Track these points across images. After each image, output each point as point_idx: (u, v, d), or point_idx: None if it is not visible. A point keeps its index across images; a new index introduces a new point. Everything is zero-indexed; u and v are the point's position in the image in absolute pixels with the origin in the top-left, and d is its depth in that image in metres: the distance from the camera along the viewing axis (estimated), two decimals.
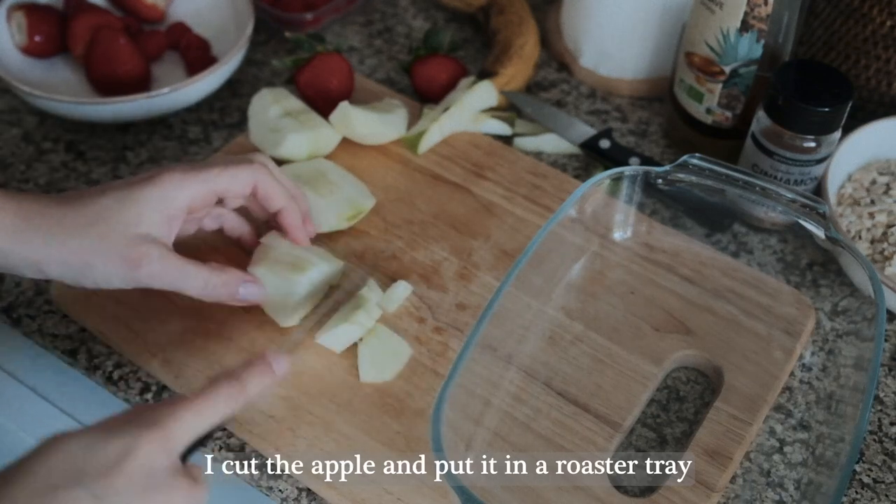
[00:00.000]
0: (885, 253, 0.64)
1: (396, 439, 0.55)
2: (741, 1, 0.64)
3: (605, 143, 0.74)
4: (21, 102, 0.78)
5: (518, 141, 0.75)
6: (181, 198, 0.53)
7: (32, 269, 0.52)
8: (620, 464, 0.55)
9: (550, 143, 0.75)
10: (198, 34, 0.80)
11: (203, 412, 0.45)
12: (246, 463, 0.56)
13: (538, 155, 0.75)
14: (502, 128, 0.75)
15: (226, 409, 0.46)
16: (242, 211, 0.61)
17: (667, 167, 0.61)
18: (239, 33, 0.78)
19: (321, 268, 0.60)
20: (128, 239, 0.52)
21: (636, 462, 0.56)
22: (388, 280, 0.63)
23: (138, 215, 0.52)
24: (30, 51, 0.77)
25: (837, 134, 0.64)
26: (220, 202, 0.59)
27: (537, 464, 0.54)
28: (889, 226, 0.66)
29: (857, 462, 0.57)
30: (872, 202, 0.68)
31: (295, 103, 0.70)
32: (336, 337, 0.58)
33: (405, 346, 0.59)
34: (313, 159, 0.69)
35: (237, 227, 0.62)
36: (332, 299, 0.62)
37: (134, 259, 0.52)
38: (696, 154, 0.61)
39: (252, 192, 0.57)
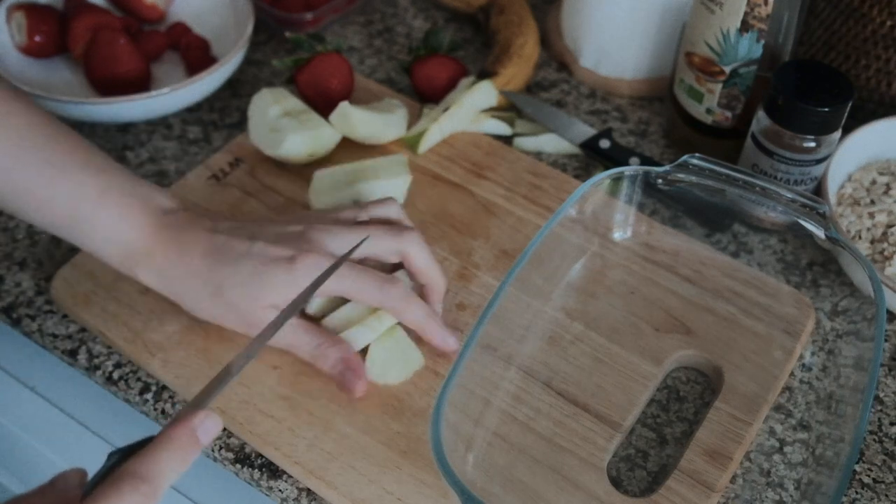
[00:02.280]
0: (885, 253, 0.64)
1: (396, 439, 0.55)
2: (741, 1, 0.64)
3: (605, 143, 0.74)
4: None
5: (518, 141, 0.75)
6: (315, 291, 0.52)
7: (153, 285, 0.58)
8: (620, 464, 0.55)
9: (550, 143, 0.75)
10: (198, 34, 0.81)
11: None
12: (246, 463, 0.56)
13: (538, 155, 0.75)
14: (502, 128, 0.75)
15: None
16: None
17: (667, 167, 0.61)
18: (239, 33, 0.78)
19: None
20: (252, 309, 0.56)
21: (636, 462, 0.56)
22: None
23: (266, 296, 0.55)
24: (30, 51, 0.77)
25: (837, 134, 0.64)
26: None
27: (537, 464, 0.54)
28: (889, 226, 0.66)
29: (857, 462, 0.57)
30: (872, 202, 0.68)
31: (295, 103, 0.70)
32: (349, 339, 0.58)
33: (418, 356, 0.59)
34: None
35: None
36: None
37: (254, 324, 0.56)
38: (696, 154, 0.61)
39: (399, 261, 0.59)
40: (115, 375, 0.60)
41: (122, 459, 0.39)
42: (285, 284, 0.54)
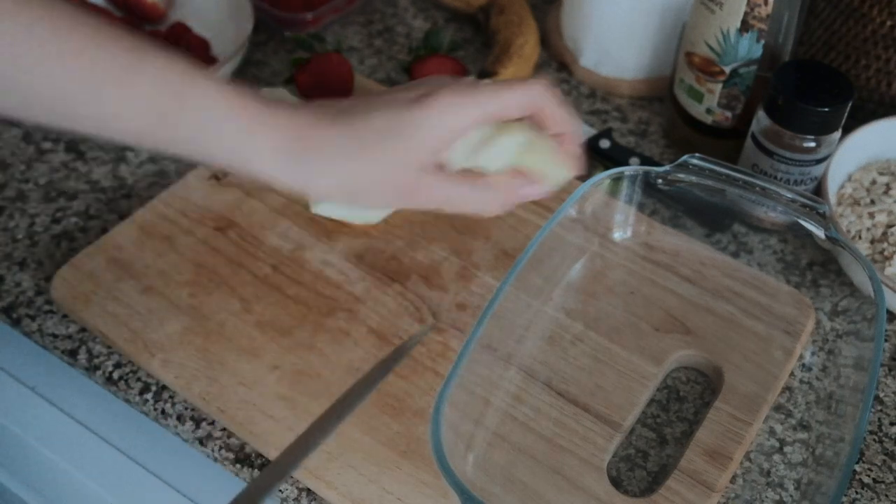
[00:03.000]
0: (885, 253, 0.64)
1: (396, 439, 0.55)
2: (741, 1, 0.64)
3: (605, 143, 0.74)
4: None
5: None
6: (454, 124, 0.48)
7: (293, 188, 0.49)
8: (620, 464, 0.55)
9: None
10: (198, 34, 0.80)
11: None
12: (246, 463, 0.56)
13: None
14: None
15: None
16: None
17: (667, 167, 0.61)
18: (239, 33, 0.77)
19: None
20: (403, 168, 0.49)
21: (636, 462, 0.56)
22: (388, 280, 0.63)
23: (409, 143, 0.48)
24: None
25: (837, 134, 0.64)
26: None
27: (537, 464, 0.54)
28: (889, 226, 0.66)
29: (857, 462, 0.57)
30: (872, 202, 0.68)
31: (295, 103, 0.70)
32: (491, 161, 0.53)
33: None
34: None
35: None
36: None
37: (409, 190, 0.49)
38: (696, 154, 0.61)
39: (529, 113, 0.51)
40: (115, 375, 0.60)
41: None
42: (427, 127, 0.48)
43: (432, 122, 0.48)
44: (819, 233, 0.58)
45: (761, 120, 0.64)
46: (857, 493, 0.56)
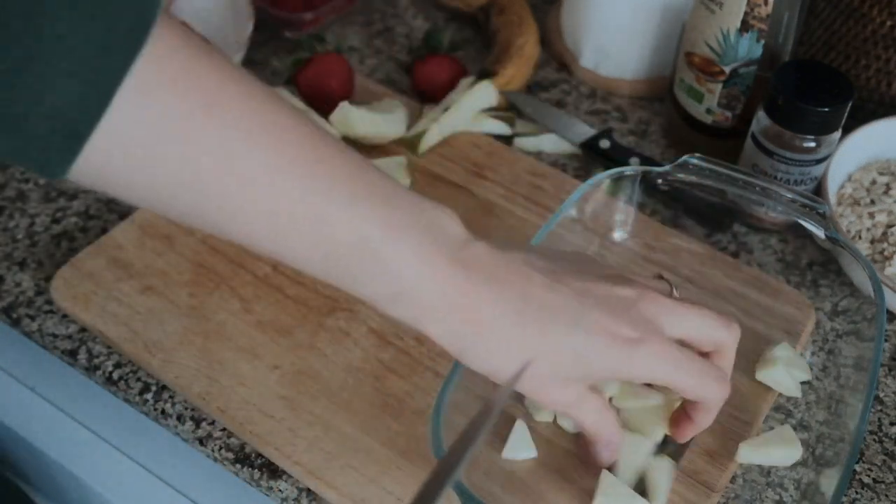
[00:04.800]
0: (885, 253, 0.64)
1: (396, 439, 0.55)
2: (741, 1, 0.64)
3: (605, 143, 0.74)
4: None
5: (518, 141, 0.75)
6: (643, 377, 0.46)
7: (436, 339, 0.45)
8: None
9: (550, 143, 0.75)
10: (197, 34, 0.80)
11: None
12: (246, 463, 0.56)
13: (538, 155, 0.75)
14: (502, 128, 0.75)
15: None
16: None
17: (667, 167, 0.61)
18: (239, 33, 0.77)
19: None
20: (556, 381, 0.45)
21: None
22: None
23: (584, 376, 0.45)
24: None
25: (837, 134, 0.64)
26: None
27: (537, 464, 0.54)
28: (889, 226, 0.66)
29: (857, 462, 0.57)
30: (872, 202, 0.68)
31: (295, 103, 0.70)
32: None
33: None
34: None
35: None
36: None
37: (539, 394, 0.46)
38: (696, 154, 0.61)
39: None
40: (115, 375, 0.60)
41: None
42: (617, 369, 0.45)
43: (624, 370, 0.45)
44: (819, 233, 0.58)
45: (761, 120, 0.64)
46: (857, 493, 0.56)
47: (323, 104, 0.72)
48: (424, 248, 0.42)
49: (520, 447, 0.54)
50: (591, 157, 0.74)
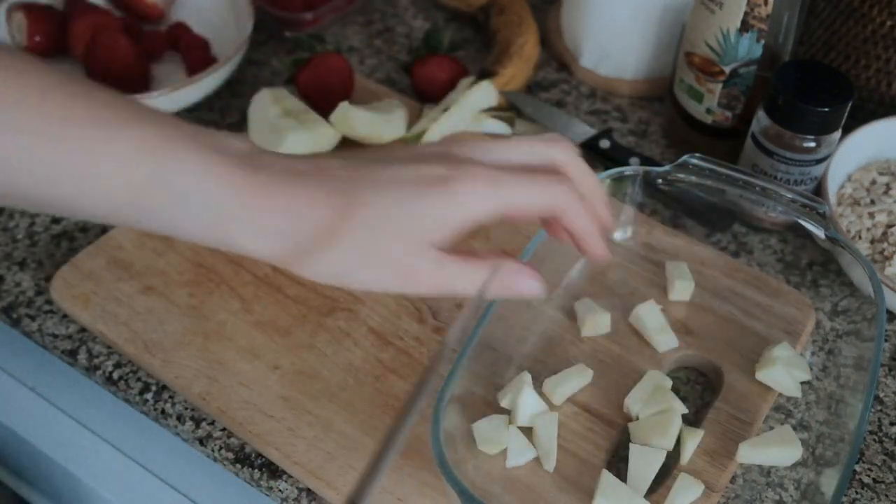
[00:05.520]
0: (885, 253, 0.64)
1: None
2: (741, 1, 0.64)
3: (605, 143, 0.74)
4: None
5: None
6: (474, 216, 0.43)
7: (266, 257, 0.43)
8: (620, 464, 0.55)
9: None
10: (198, 34, 0.80)
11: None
12: (246, 463, 0.56)
13: None
14: (502, 128, 0.75)
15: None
16: None
17: (667, 167, 0.61)
18: (239, 33, 0.78)
19: None
20: (405, 252, 0.43)
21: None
22: None
23: (423, 230, 0.42)
24: (30, 51, 0.77)
25: (837, 134, 0.64)
26: None
27: (537, 463, 0.54)
28: (889, 226, 0.66)
29: (857, 462, 0.57)
30: (872, 202, 0.68)
31: (295, 103, 0.70)
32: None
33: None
34: None
35: None
36: None
37: (407, 275, 0.43)
38: (696, 154, 0.61)
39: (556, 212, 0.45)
40: (115, 375, 0.60)
41: None
42: (446, 212, 0.42)
43: (451, 210, 0.42)
44: (819, 233, 0.58)
45: (761, 120, 0.64)
46: (857, 493, 0.56)
47: (323, 104, 0.72)
48: (208, 156, 0.40)
49: (520, 453, 0.54)
50: (591, 157, 0.74)
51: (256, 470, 0.55)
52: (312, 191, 0.42)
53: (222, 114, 0.78)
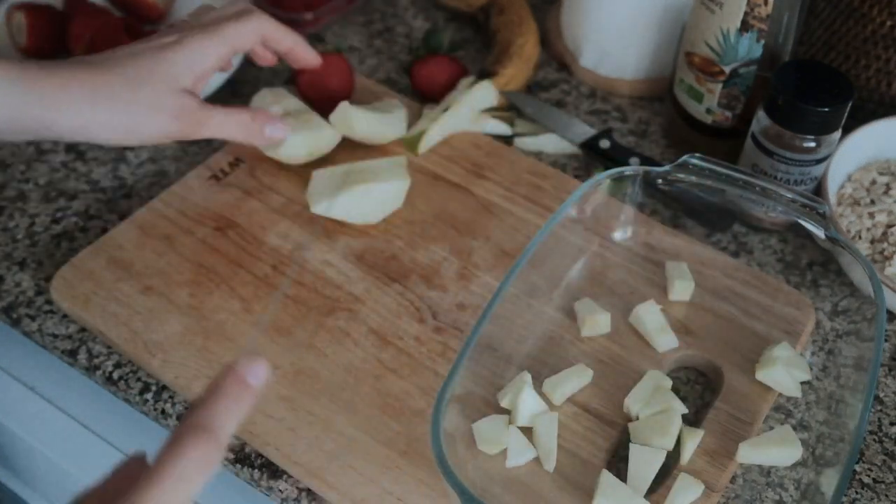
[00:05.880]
0: (885, 253, 0.64)
1: (396, 439, 0.55)
2: (741, 1, 0.64)
3: (605, 143, 0.74)
4: None
5: (518, 141, 0.75)
6: (208, 59, 0.59)
7: (78, 134, 0.56)
8: (620, 464, 0.55)
9: (550, 143, 0.75)
10: None
11: (172, 493, 0.36)
12: (246, 463, 0.56)
13: (538, 155, 0.75)
14: (502, 128, 0.75)
15: (202, 478, 0.37)
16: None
17: (667, 167, 0.61)
18: None
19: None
20: (170, 95, 0.58)
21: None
22: (388, 280, 0.63)
23: (176, 75, 0.58)
24: (30, 51, 0.77)
25: (837, 134, 0.64)
26: None
27: (537, 463, 0.54)
28: (889, 226, 0.66)
29: (857, 462, 0.57)
30: (872, 202, 0.68)
31: (295, 103, 0.70)
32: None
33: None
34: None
35: (260, 52, 0.67)
36: None
37: (180, 111, 0.58)
38: (696, 154, 0.61)
39: (260, 40, 0.64)
40: (115, 375, 0.60)
41: None
42: (186, 60, 0.58)
43: (190, 58, 0.58)
44: (819, 233, 0.58)
45: (761, 120, 0.64)
46: (857, 493, 0.56)
47: (323, 104, 0.72)
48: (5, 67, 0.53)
49: (520, 453, 0.54)
50: (591, 157, 0.74)
51: (256, 470, 0.55)
52: (78, 70, 0.56)
53: None
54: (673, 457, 0.55)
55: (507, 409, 0.56)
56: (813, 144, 0.63)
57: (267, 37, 0.64)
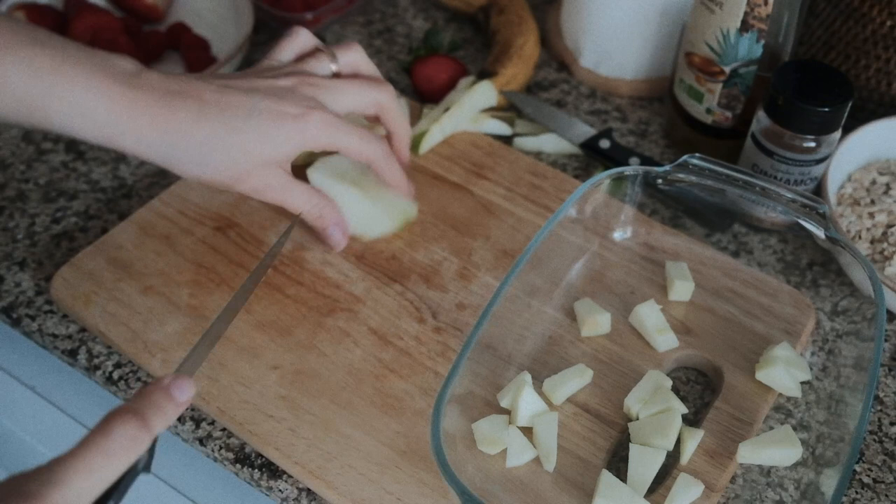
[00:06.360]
0: (885, 253, 0.64)
1: (396, 439, 0.55)
2: (741, 1, 0.64)
3: (605, 143, 0.74)
4: None
5: (518, 141, 0.75)
6: (311, 146, 0.57)
7: (154, 160, 0.55)
8: (620, 464, 0.55)
9: (550, 143, 0.75)
10: (198, 34, 0.81)
11: (95, 469, 0.37)
12: (246, 463, 0.56)
13: (538, 155, 0.75)
14: (502, 128, 0.75)
15: (126, 458, 0.38)
16: None
17: (667, 167, 0.61)
18: (239, 33, 0.78)
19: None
20: (254, 167, 0.56)
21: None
22: (388, 280, 0.63)
23: (274, 153, 0.56)
24: None
25: (837, 134, 0.64)
26: None
27: (537, 463, 0.54)
28: (889, 226, 0.66)
29: (857, 462, 0.57)
30: (872, 202, 0.68)
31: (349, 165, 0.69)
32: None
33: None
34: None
35: None
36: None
37: (265, 188, 0.57)
38: (696, 154, 0.61)
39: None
40: (115, 375, 0.60)
41: None
42: (295, 141, 0.56)
43: (301, 140, 0.56)
44: (819, 233, 0.58)
45: (761, 120, 0.64)
46: (857, 493, 0.56)
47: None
48: (95, 77, 0.51)
49: (520, 453, 0.54)
50: (591, 157, 0.74)
51: (256, 470, 0.55)
52: (192, 113, 0.53)
53: None
54: (673, 457, 0.55)
55: (507, 409, 0.56)
56: (813, 144, 0.63)
57: (375, 161, 0.61)
